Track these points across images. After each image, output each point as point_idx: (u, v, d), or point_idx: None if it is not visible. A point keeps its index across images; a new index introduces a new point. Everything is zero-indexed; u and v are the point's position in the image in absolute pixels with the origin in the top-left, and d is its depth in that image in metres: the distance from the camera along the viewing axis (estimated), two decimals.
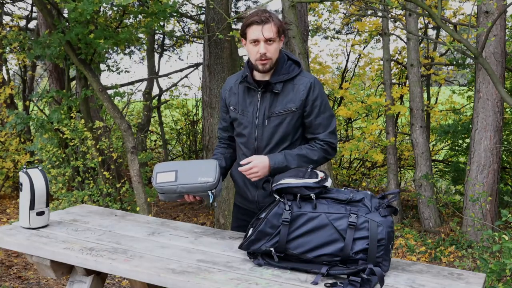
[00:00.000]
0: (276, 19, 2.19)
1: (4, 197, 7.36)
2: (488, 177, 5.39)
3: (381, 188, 8.74)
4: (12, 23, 8.05)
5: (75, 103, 5.90)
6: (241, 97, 2.33)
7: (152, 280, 1.89)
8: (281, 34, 2.22)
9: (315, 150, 2.25)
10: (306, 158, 2.21)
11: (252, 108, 2.28)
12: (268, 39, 2.16)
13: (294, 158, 2.20)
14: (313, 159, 2.23)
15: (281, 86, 2.24)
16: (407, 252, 5.19)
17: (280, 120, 2.24)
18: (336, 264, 1.88)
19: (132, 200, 5.81)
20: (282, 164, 2.18)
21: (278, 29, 2.19)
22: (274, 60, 2.21)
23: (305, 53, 5.38)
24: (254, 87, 2.28)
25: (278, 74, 2.24)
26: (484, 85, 5.34)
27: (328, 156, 2.28)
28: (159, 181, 2.19)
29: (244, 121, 2.31)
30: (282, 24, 2.22)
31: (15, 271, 4.48)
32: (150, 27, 5.95)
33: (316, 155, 2.24)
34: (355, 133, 9.38)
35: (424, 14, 5.50)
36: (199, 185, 2.17)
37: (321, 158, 2.26)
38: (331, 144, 2.27)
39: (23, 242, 2.19)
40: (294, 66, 2.28)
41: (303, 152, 2.23)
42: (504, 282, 3.25)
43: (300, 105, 2.23)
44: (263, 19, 2.16)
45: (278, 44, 2.21)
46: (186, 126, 10.37)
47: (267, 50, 2.17)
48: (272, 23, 2.17)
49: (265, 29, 2.16)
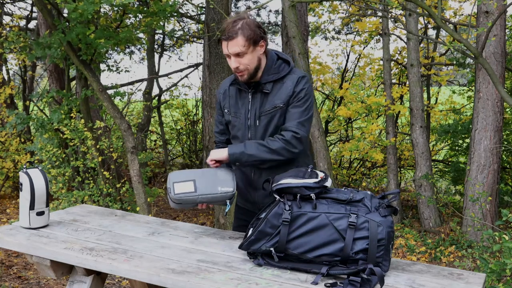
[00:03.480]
0: (246, 29, 2.15)
1: (4, 197, 7.36)
2: (488, 177, 5.39)
3: (381, 188, 8.74)
4: (12, 23, 8.05)
5: (75, 103, 5.90)
6: (233, 99, 2.35)
7: (152, 280, 1.89)
8: (255, 43, 2.18)
9: (275, 140, 2.21)
10: (265, 147, 2.19)
11: (244, 110, 2.31)
12: (236, 54, 2.17)
13: (253, 145, 2.21)
14: (272, 148, 2.19)
15: (271, 85, 2.25)
16: (407, 252, 5.19)
17: (269, 118, 2.25)
18: (336, 264, 1.88)
19: (132, 200, 5.81)
20: (239, 150, 2.21)
21: (248, 40, 2.15)
22: (252, 69, 2.21)
23: (305, 53, 5.38)
24: (245, 88, 2.30)
25: (268, 74, 2.25)
26: (484, 85, 5.34)
27: (290, 147, 2.20)
28: (178, 191, 2.15)
29: (237, 123, 2.33)
30: (256, 31, 2.17)
31: (15, 271, 4.48)
32: (150, 27, 5.95)
33: (276, 145, 2.19)
34: (355, 133, 9.39)
35: (424, 14, 5.50)
36: (219, 195, 2.17)
37: (280, 148, 2.19)
38: (295, 133, 2.20)
39: (23, 242, 2.19)
40: (284, 65, 2.28)
41: (263, 142, 2.22)
42: (504, 282, 3.25)
43: (287, 101, 2.23)
44: (228, 35, 2.15)
45: (252, 54, 2.18)
46: (186, 126, 10.38)
47: (239, 63, 2.19)
48: (239, 37, 2.14)
49: (230, 45, 2.16)
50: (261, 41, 2.21)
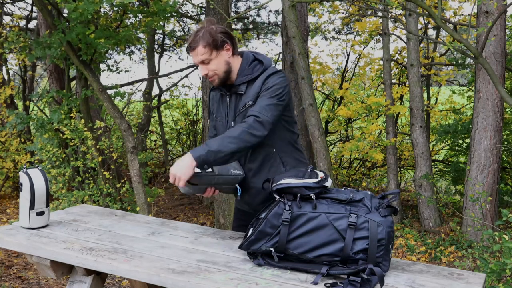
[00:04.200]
0: (205, 36, 2.17)
1: (4, 197, 7.36)
2: (488, 177, 5.39)
3: (381, 188, 8.74)
4: (12, 23, 8.05)
5: (75, 103, 5.90)
6: (216, 103, 2.40)
7: (152, 280, 1.89)
8: (217, 48, 2.19)
9: (236, 128, 2.12)
10: (227, 138, 2.07)
11: (224, 113, 2.34)
12: (201, 62, 2.22)
13: (215, 140, 2.08)
14: (233, 136, 2.07)
15: (245, 87, 2.26)
16: (407, 252, 5.19)
17: (242, 117, 2.24)
18: (336, 264, 1.88)
19: (132, 200, 5.81)
20: (203, 150, 2.02)
21: (208, 46, 2.18)
22: (221, 73, 2.24)
23: (305, 53, 5.38)
24: (224, 92, 2.33)
25: (241, 75, 2.27)
26: (484, 85, 5.34)
27: (252, 131, 2.09)
28: (197, 170, 2.07)
29: (221, 127, 2.37)
30: (216, 37, 2.18)
31: (15, 271, 4.48)
32: (150, 27, 5.95)
33: (237, 131, 2.08)
34: (355, 133, 9.38)
35: (424, 14, 5.50)
36: (233, 177, 2.22)
37: (242, 133, 2.08)
38: (256, 117, 2.11)
39: (23, 242, 2.19)
40: (259, 66, 2.28)
41: (223, 134, 2.13)
42: (504, 282, 3.25)
43: (255, 98, 2.21)
44: (191, 46, 2.21)
45: (217, 59, 2.21)
46: (186, 126, 10.38)
47: (207, 70, 2.23)
48: (199, 46, 2.17)
49: (193, 55, 2.22)
50: (225, 45, 2.22)
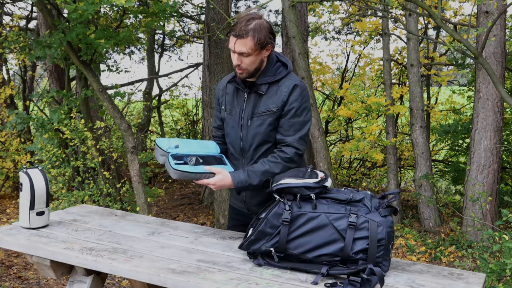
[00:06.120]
0: (258, 32, 2.13)
1: (4, 197, 7.36)
2: (488, 177, 5.39)
3: (381, 188, 8.74)
4: (12, 23, 8.05)
5: (75, 103, 5.90)
6: (230, 97, 2.36)
7: (152, 280, 1.89)
8: (262, 47, 2.17)
9: (278, 162, 2.19)
10: (269, 173, 2.16)
11: (238, 109, 2.31)
12: (240, 53, 2.16)
13: (257, 174, 2.17)
14: (276, 173, 2.15)
15: (266, 87, 2.24)
16: (407, 252, 5.19)
17: (261, 120, 2.24)
18: (336, 264, 1.88)
19: (132, 200, 5.81)
20: (246, 183, 2.16)
21: (256, 44, 2.14)
22: (251, 70, 2.20)
23: (305, 53, 5.38)
24: (241, 87, 2.30)
25: (265, 75, 2.25)
26: (484, 85, 5.34)
27: (291, 164, 2.21)
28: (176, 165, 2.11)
29: (231, 121, 2.34)
30: (266, 36, 2.16)
31: (15, 271, 4.48)
32: (150, 27, 5.95)
33: (279, 167, 2.18)
34: (355, 133, 9.39)
35: (424, 14, 5.50)
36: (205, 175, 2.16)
37: (283, 168, 2.19)
38: (297, 150, 2.21)
39: (23, 242, 2.19)
40: (282, 69, 2.27)
41: (266, 168, 2.18)
42: (504, 282, 3.25)
43: (280, 106, 2.21)
44: (239, 33, 2.12)
45: (256, 57, 2.17)
46: (186, 126, 10.38)
47: (241, 62, 2.18)
48: (248, 38, 2.12)
49: (238, 43, 2.14)
50: (268, 46, 2.20)
